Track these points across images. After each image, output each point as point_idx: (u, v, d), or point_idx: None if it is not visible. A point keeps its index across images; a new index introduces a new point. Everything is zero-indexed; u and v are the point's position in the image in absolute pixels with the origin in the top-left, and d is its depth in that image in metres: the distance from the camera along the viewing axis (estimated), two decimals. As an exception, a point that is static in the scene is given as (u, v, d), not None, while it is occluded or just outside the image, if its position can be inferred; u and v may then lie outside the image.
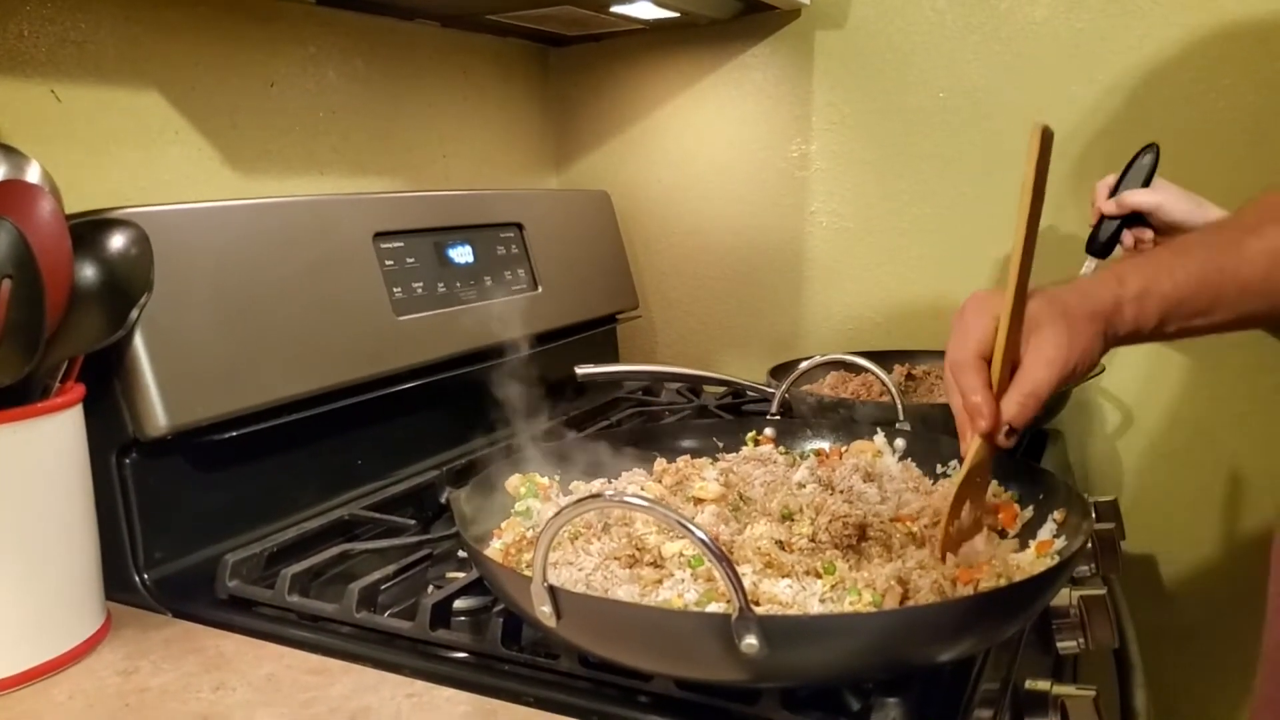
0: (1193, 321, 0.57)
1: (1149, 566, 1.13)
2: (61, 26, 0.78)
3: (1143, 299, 0.56)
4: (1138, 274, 0.57)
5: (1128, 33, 1.03)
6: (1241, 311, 0.57)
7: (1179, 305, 0.56)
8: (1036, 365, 0.54)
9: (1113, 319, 0.56)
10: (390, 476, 0.90)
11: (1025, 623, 0.61)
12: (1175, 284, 0.56)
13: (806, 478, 0.69)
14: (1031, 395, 0.54)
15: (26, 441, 0.58)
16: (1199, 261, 0.57)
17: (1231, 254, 0.56)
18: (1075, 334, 0.54)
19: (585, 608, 0.51)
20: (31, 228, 0.57)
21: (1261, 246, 0.56)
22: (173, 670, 0.59)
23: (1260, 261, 0.55)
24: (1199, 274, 0.56)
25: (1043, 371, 0.54)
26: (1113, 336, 0.56)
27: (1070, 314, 0.55)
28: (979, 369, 0.56)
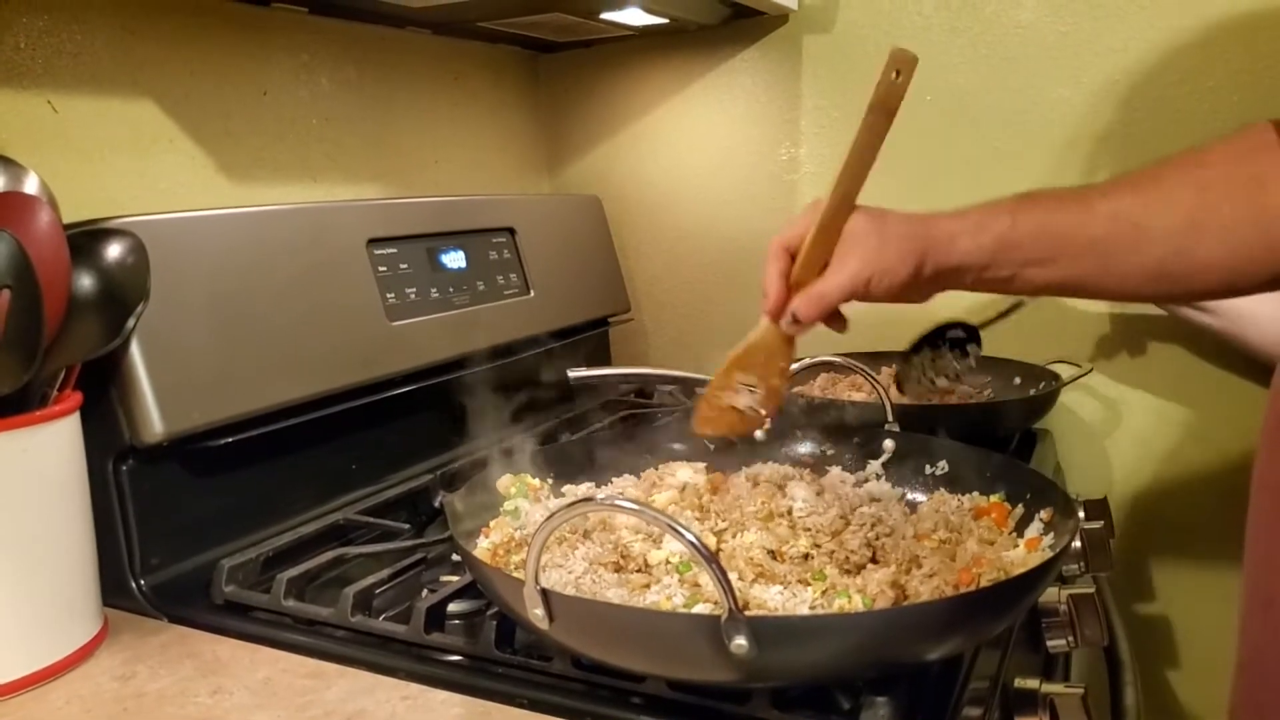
0: (1028, 270, 0.57)
1: (1139, 564, 1.14)
2: (58, 38, 0.78)
3: (978, 233, 0.57)
4: (979, 211, 0.58)
5: (1112, 35, 1.05)
6: (1079, 268, 0.57)
7: (1014, 247, 0.57)
8: (833, 270, 0.58)
9: (937, 246, 0.57)
10: (384, 481, 0.90)
11: (1013, 621, 0.62)
12: (1014, 224, 0.57)
13: (811, 498, 0.70)
14: (819, 294, 0.58)
15: (24, 449, 0.58)
16: (1046, 210, 0.57)
17: (1077, 210, 0.57)
18: (880, 250, 0.56)
19: (577, 610, 0.51)
20: (30, 239, 0.57)
21: (1107, 207, 0.56)
22: (170, 675, 0.60)
23: (1103, 220, 0.56)
24: (1041, 221, 0.57)
25: (835, 277, 0.57)
26: (934, 264, 0.57)
27: (885, 231, 0.57)
28: (779, 257, 0.60)
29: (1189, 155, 0.58)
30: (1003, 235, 0.57)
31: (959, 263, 0.57)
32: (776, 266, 0.60)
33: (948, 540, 0.64)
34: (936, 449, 0.76)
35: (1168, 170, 0.57)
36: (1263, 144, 0.55)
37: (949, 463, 0.75)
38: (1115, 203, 0.56)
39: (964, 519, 0.67)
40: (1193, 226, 0.55)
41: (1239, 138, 0.57)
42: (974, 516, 0.68)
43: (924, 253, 0.57)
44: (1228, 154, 0.57)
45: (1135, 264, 0.56)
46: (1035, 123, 1.09)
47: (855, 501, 0.69)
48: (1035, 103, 1.09)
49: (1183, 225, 0.55)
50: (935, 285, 0.59)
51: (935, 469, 0.76)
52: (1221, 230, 0.54)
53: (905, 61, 0.55)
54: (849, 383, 1.08)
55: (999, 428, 0.98)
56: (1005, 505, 0.69)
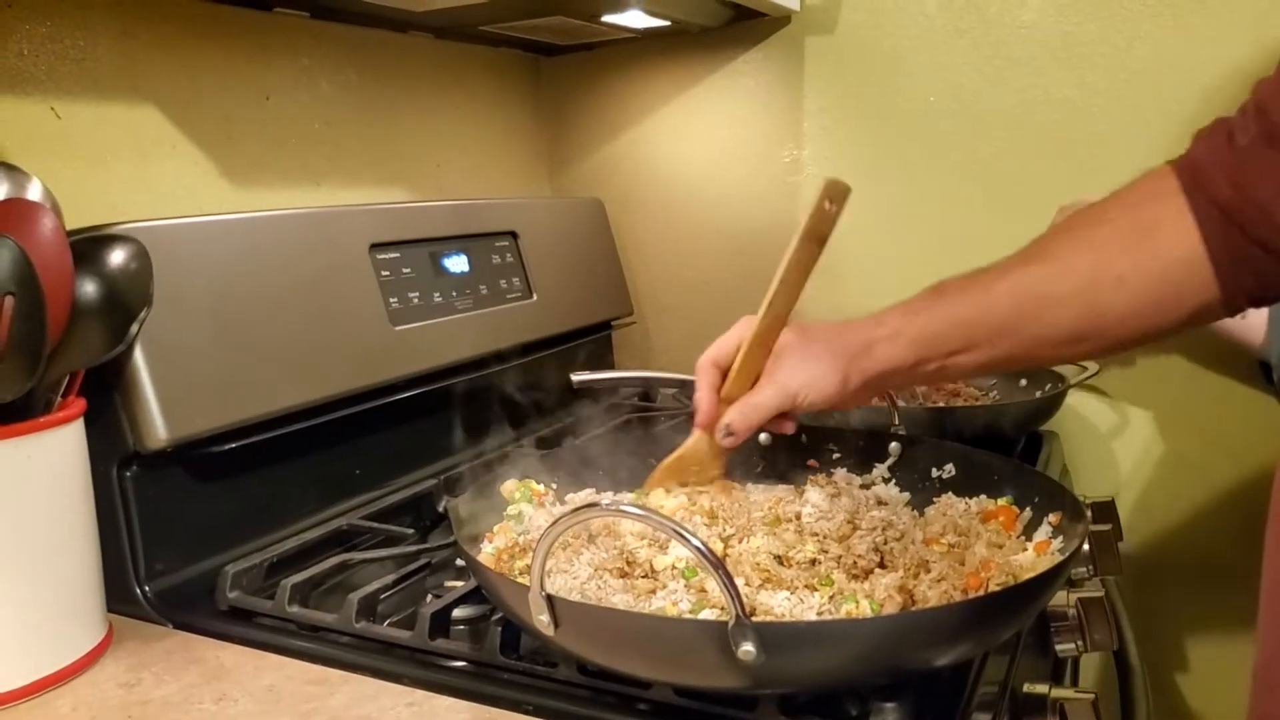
0: (954, 359, 0.59)
1: (1147, 567, 1.14)
2: (60, 44, 0.78)
3: (895, 339, 0.60)
4: (894, 315, 0.61)
5: (1117, 35, 1.04)
6: (999, 349, 0.59)
7: (932, 344, 0.59)
8: (765, 384, 0.60)
9: (858, 357, 0.59)
10: (388, 486, 0.90)
11: (1022, 625, 0.62)
12: (928, 322, 0.59)
13: (821, 503, 0.69)
14: (750, 406, 0.60)
15: (29, 455, 0.58)
16: (952, 303, 0.60)
17: (982, 295, 0.59)
18: (808, 365, 0.59)
19: (583, 616, 0.51)
20: (33, 245, 0.57)
21: (1006, 288, 0.58)
22: (175, 682, 0.60)
23: (1005, 300, 0.58)
24: (950, 315, 0.59)
25: (767, 390, 0.60)
26: (859, 374, 0.60)
27: (810, 347, 0.60)
28: (708, 372, 0.63)
29: (1087, 214, 0.59)
30: (918, 336, 0.59)
31: (883, 369, 0.60)
32: (706, 380, 0.62)
33: (956, 544, 0.63)
34: (943, 452, 0.76)
35: (1063, 236, 0.59)
36: (1156, 190, 0.57)
37: (955, 466, 0.75)
38: (1013, 280, 0.59)
39: (972, 522, 0.66)
40: (1091, 288, 0.56)
41: (1135, 187, 0.58)
42: (982, 520, 0.67)
43: (847, 365, 0.59)
44: (1123, 205, 0.58)
45: (1048, 333, 0.58)
46: (1039, 123, 1.09)
47: (863, 506, 0.68)
48: (1039, 103, 1.09)
49: (1082, 288, 0.57)
50: (866, 392, 0.61)
51: (942, 472, 0.75)
52: (1120, 283, 0.56)
53: (839, 192, 0.58)
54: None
55: (1005, 430, 0.98)
56: (1013, 508, 0.68)
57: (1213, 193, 0.54)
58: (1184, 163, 0.57)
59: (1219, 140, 0.55)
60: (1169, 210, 0.55)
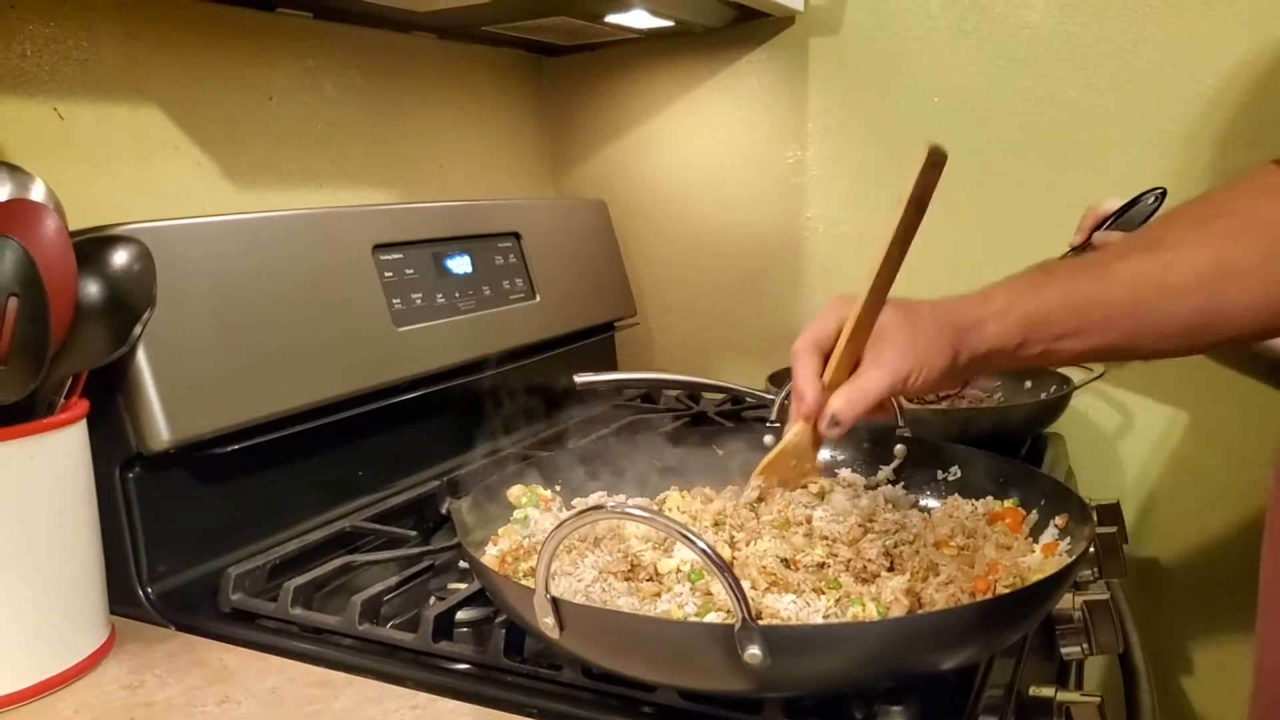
0: (1060, 344, 0.57)
1: (1153, 570, 1.13)
2: (64, 45, 0.78)
3: (1004, 316, 0.57)
4: (1003, 292, 0.58)
5: (1122, 36, 1.04)
6: (1110, 335, 0.57)
7: (1043, 325, 0.57)
8: (871, 367, 0.57)
9: (968, 334, 0.57)
10: (391, 487, 0.90)
11: (1029, 629, 0.62)
12: (1039, 303, 0.57)
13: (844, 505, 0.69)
14: (859, 391, 0.56)
15: (32, 457, 0.58)
16: (1066, 282, 0.58)
17: (1099, 277, 0.57)
18: (917, 343, 0.56)
19: (588, 619, 0.51)
20: (37, 246, 0.57)
21: (1128, 271, 0.57)
22: (177, 684, 0.60)
23: (1124, 285, 0.56)
24: (1065, 294, 0.57)
25: (875, 373, 0.56)
26: (969, 352, 0.57)
27: (918, 325, 0.57)
28: (811, 358, 0.59)
29: (1199, 207, 0.58)
30: (1029, 314, 0.57)
31: (990, 347, 0.57)
32: (811, 368, 0.58)
33: (966, 547, 0.63)
34: (948, 454, 0.76)
35: (1181, 226, 0.58)
36: (1269, 187, 0.56)
37: (961, 468, 0.75)
38: (1135, 265, 0.57)
39: (979, 524, 0.66)
40: (1214, 279, 0.55)
41: (1246, 183, 0.57)
42: (988, 522, 0.67)
43: (958, 342, 0.56)
44: (1238, 201, 0.57)
45: (1165, 323, 0.56)
46: (1043, 124, 1.09)
47: (873, 508, 0.68)
48: (1043, 104, 1.08)
49: (1204, 279, 0.55)
50: (970, 371, 0.59)
51: (947, 474, 0.75)
52: (1243, 278, 0.55)
53: (941, 156, 0.55)
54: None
55: (1010, 432, 0.97)
56: (1019, 510, 0.68)
57: None
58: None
59: None
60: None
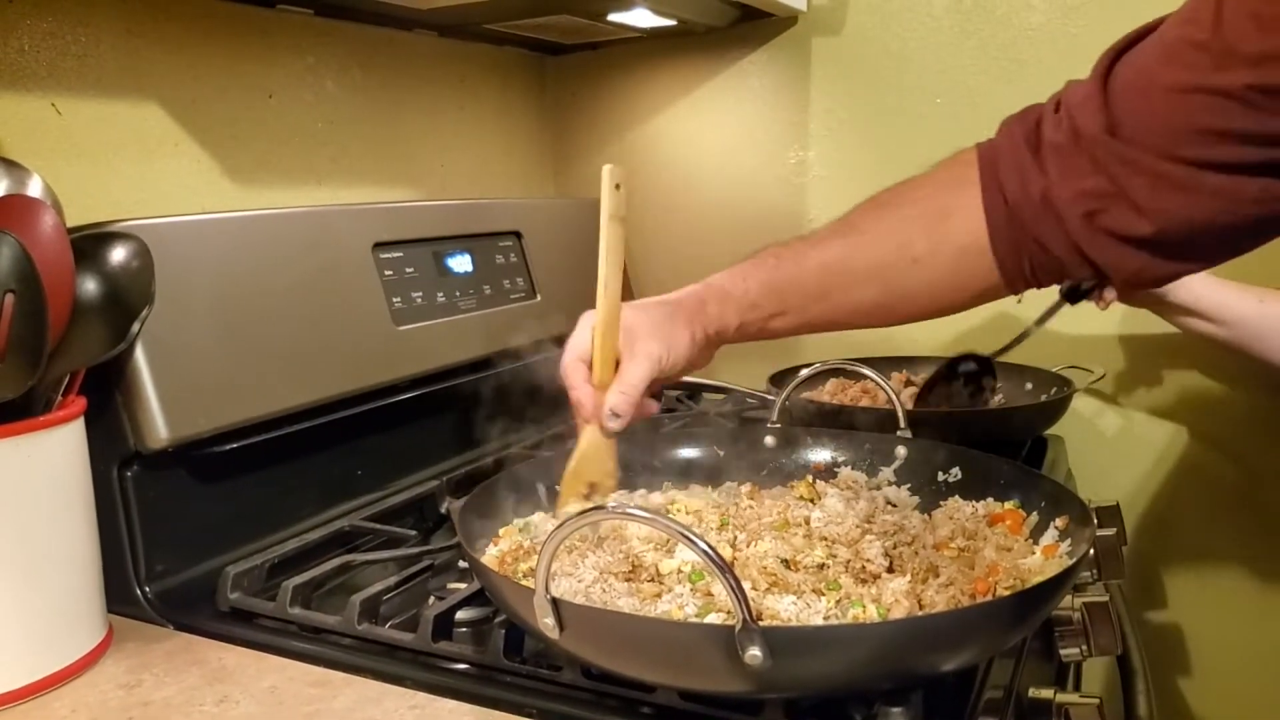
0: (772, 323, 0.65)
1: (1152, 571, 1.13)
2: (62, 40, 0.78)
3: (723, 301, 0.65)
4: (722, 278, 0.66)
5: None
6: (810, 315, 0.65)
7: (753, 308, 0.65)
8: (629, 361, 0.62)
9: (696, 316, 0.64)
10: (390, 487, 0.90)
11: (1029, 631, 0.61)
12: (747, 289, 0.65)
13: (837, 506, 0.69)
14: (627, 384, 0.62)
15: (29, 455, 0.58)
16: (769, 269, 0.65)
17: (795, 264, 0.64)
18: (662, 332, 0.63)
19: (588, 620, 0.50)
20: (34, 242, 0.57)
21: (818, 258, 0.63)
22: (175, 683, 0.59)
23: (816, 271, 0.63)
24: (768, 281, 0.64)
25: (633, 364, 0.62)
26: (702, 330, 0.64)
27: (655, 317, 0.63)
28: (578, 369, 0.64)
29: (893, 194, 0.64)
30: (741, 299, 0.65)
31: (717, 327, 0.65)
32: (578, 376, 0.64)
33: (966, 548, 0.63)
34: (949, 455, 0.76)
35: (875, 211, 0.64)
36: (958, 178, 0.61)
37: (961, 469, 0.74)
38: (825, 252, 0.64)
39: (979, 525, 0.66)
40: (892, 265, 0.62)
41: (944, 169, 0.63)
42: (989, 523, 0.67)
43: (690, 323, 0.64)
44: (925, 189, 0.63)
45: (854, 304, 0.64)
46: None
47: (879, 510, 0.68)
48: (1046, 105, 1.08)
49: (883, 265, 0.62)
50: (710, 347, 0.66)
51: (948, 475, 0.75)
52: (916, 264, 0.61)
53: (619, 176, 0.62)
54: (859, 388, 1.08)
55: (1011, 434, 0.97)
56: (1020, 512, 0.68)
57: (1004, 186, 0.57)
58: (986, 151, 0.60)
59: (1026, 130, 0.58)
60: (965, 199, 0.59)
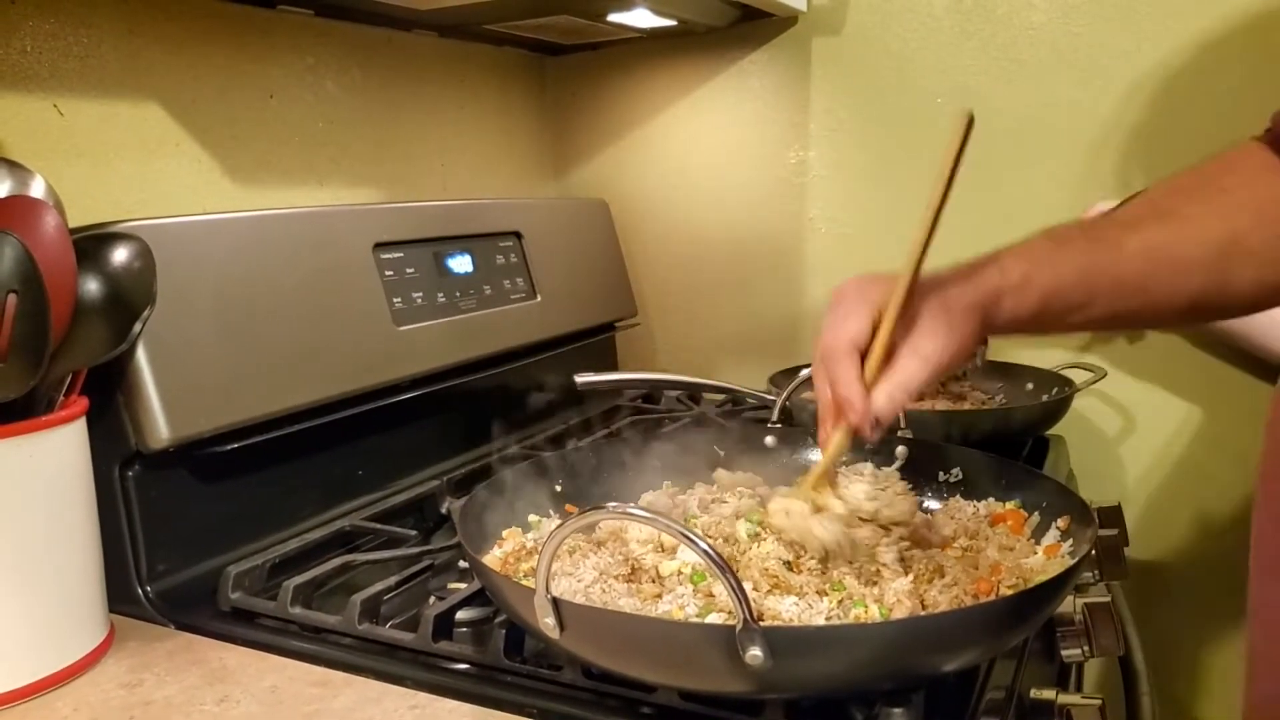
0: (1070, 316, 0.57)
1: (1154, 572, 1.13)
2: (64, 41, 0.78)
3: (1022, 289, 0.55)
4: (1019, 263, 0.56)
5: (1125, 37, 1.04)
6: (1118, 307, 0.56)
7: (1056, 296, 0.56)
8: (911, 359, 0.54)
9: (991, 309, 0.55)
10: (391, 487, 0.89)
11: (1031, 631, 0.61)
12: (1055, 275, 0.56)
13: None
14: (902, 389, 0.54)
15: (31, 455, 0.58)
16: (1078, 254, 0.56)
17: (1110, 249, 0.56)
18: (953, 328, 0.54)
19: (589, 619, 0.50)
20: (36, 243, 0.57)
21: (1139, 243, 0.56)
22: (176, 683, 0.59)
23: (1137, 258, 0.55)
24: (1077, 267, 0.56)
25: (916, 366, 0.54)
26: (989, 325, 0.56)
27: (950, 307, 0.54)
28: (853, 360, 0.55)
29: (1197, 180, 0.57)
30: (1045, 289, 0.55)
31: (1007, 319, 0.56)
32: (854, 371, 0.54)
33: (970, 548, 0.63)
34: (950, 456, 0.76)
35: (1188, 198, 0.57)
36: (1267, 164, 0.56)
37: (962, 470, 0.75)
38: (1146, 238, 0.56)
39: (981, 525, 0.66)
40: (1226, 255, 0.55)
41: (1239, 159, 0.57)
42: (990, 523, 0.67)
43: (982, 320, 0.55)
44: (1237, 177, 0.56)
45: (1172, 297, 0.56)
46: (1047, 125, 1.09)
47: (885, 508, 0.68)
48: (1047, 105, 1.08)
49: (1216, 255, 0.55)
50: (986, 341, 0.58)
51: (949, 476, 0.75)
52: (1252, 256, 0.55)
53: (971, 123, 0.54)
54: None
55: (1012, 434, 0.97)
56: (1021, 512, 0.68)
57: None
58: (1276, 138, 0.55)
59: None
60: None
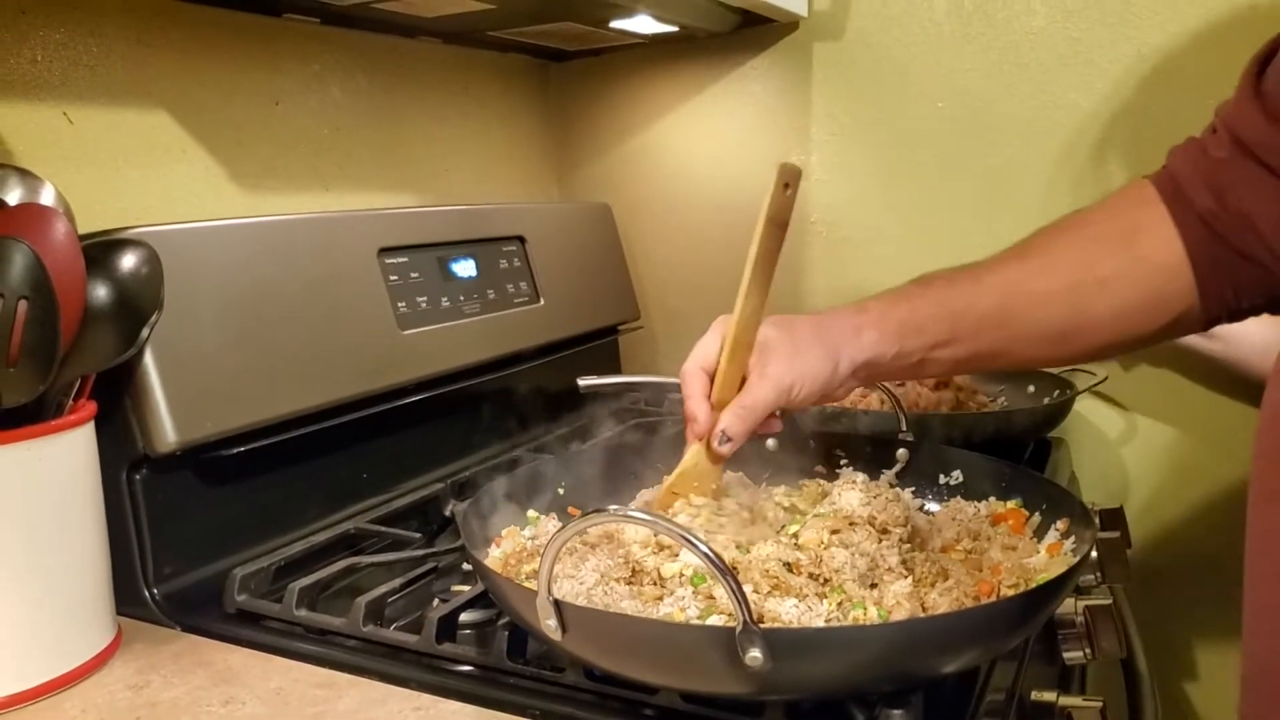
0: (935, 352, 0.59)
1: (1155, 575, 1.13)
2: (74, 50, 0.79)
3: (881, 324, 0.58)
4: (878, 303, 0.59)
5: (1126, 41, 1.04)
6: (981, 342, 0.59)
7: (917, 333, 0.58)
8: (757, 382, 0.57)
9: (845, 344, 0.58)
10: (395, 490, 0.90)
11: (1031, 632, 0.62)
12: (912, 311, 0.58)
13: None
14: (747, 408, 0.57)
15: (40, 459, 0.59)
16: (939, 292, 0.59)
17: (969, 285, 0.59)
18: (797, 357, 0.57)
19: (591, 621, 0.51)
20: (47, 250, 0.58)
21: (996, 279, 0.58)
22: (183, 684, 0.60)
23: (994, 292, 0.58)
24: (937, 304, 0.59)
25: (760, 388, 0.57)
26: (848, 361, 0.58)
27: (797, 339, 0.58)
28: (698, 379, 0.59)
29: (1075, 217, 0.60)
30: (904, 321, 0.58)
31: (869, 356, 0.59)
32: (698, 388, 0.59)
33: (973, 550, 0.63)
34: (950, 458, 0.76)
35: (1052, 235, 0.60)
36: (1140, 198, 0.58)
37: (963, 472, 0.75)
38: (1003, 274, 0.59)
39: (982, 525, 0.66)
40: (1079, 285, 0.57)
41: (1120, 195, 0.59)
42: (991, 523, 0.67)
43: (836, 353, 0.58)
44: (1106, 211, 0.59)
45: (1032, 331, 0.58)
46: (1047, 129, 1.09)
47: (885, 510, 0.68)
48: (1047, 109, 1.08)
49: (1069, 285, 0.57)
50: (851, 381, 0.60)
51: (949, 478, 0.75)
52: (1102, 285, 0.57)
53: (793, 175, 0.57)
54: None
55: (1013, 437, 0.97)
56: (1022, 511, 0.68)
57: (1194, 202, 0.55)
58: (1163, 175, 0.58)
59: (1195, 154, 0.56)
60: (1152, 217, 0.56)
